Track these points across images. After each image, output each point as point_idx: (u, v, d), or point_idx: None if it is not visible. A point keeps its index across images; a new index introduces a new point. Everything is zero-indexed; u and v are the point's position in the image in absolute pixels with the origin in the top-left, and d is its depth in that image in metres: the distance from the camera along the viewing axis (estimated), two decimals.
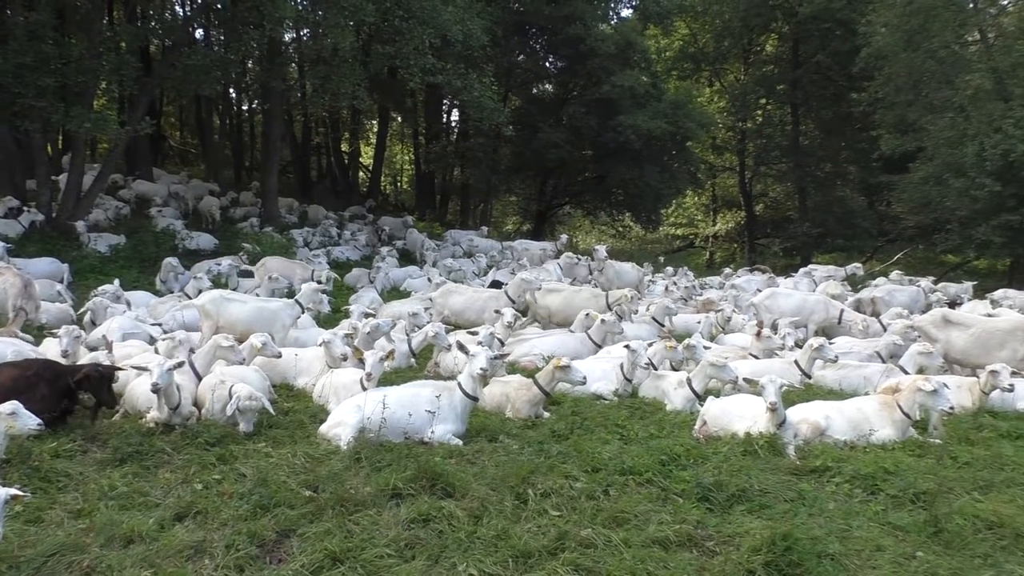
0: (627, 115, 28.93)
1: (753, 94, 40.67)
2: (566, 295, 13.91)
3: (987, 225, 25.33)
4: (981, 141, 25.58)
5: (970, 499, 6.02)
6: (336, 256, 21.17)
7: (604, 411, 8.63)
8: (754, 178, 43.56)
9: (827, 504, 5.91)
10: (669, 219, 46.20)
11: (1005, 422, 8.53)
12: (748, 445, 7.13)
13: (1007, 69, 28.66)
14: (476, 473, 6.30)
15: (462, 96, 24.20)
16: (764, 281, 18.21)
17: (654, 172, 31.30)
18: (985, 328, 10.80)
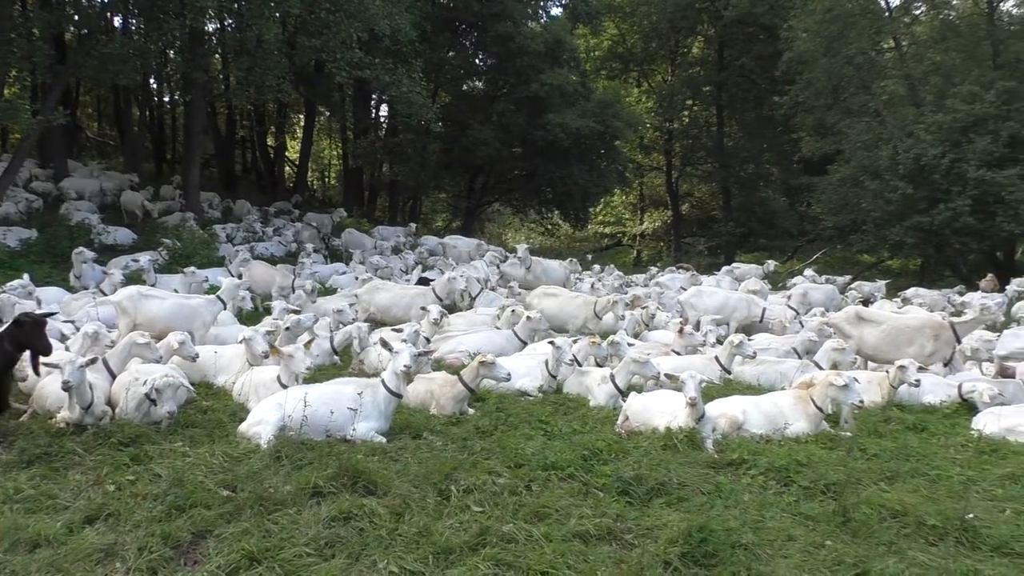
0: (556, 113, 29.18)
1: (680, 95, 41.42)
2: (561, 300, 13.86)
3: (900, 226, 26.31)
4: (895, 145, 26.56)
5: (877, 489, 6.25)
6: (260, 252, 20.77)
7: (528, 407, 8.68)
8: (680, 178, 44.37)
9: (742, 496, 6.06)
10: (597, 217, 46.73)
11: (911, 415, 8.89)
12: (668, 439, 7.26)
13: (919, 76, 29.82)
14: (399, 470, 6.27)
15: (390, 91, 24.02)
16: (687, 279, 18.57)
17: (583, 170, 31.64)
18: (895, 325, 11.22)
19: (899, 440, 7.86)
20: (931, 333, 10.82)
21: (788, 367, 10.42)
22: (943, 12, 30.94)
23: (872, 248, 30.18)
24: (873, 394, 9.27)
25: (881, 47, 32.26)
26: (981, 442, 7.83)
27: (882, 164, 26.86)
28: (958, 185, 24.89)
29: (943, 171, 25.10)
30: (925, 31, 32.12)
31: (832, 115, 31.55)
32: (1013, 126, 25.22)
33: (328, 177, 48.80)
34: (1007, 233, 24.80)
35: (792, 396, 8.21)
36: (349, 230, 24.28)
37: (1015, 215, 23.84)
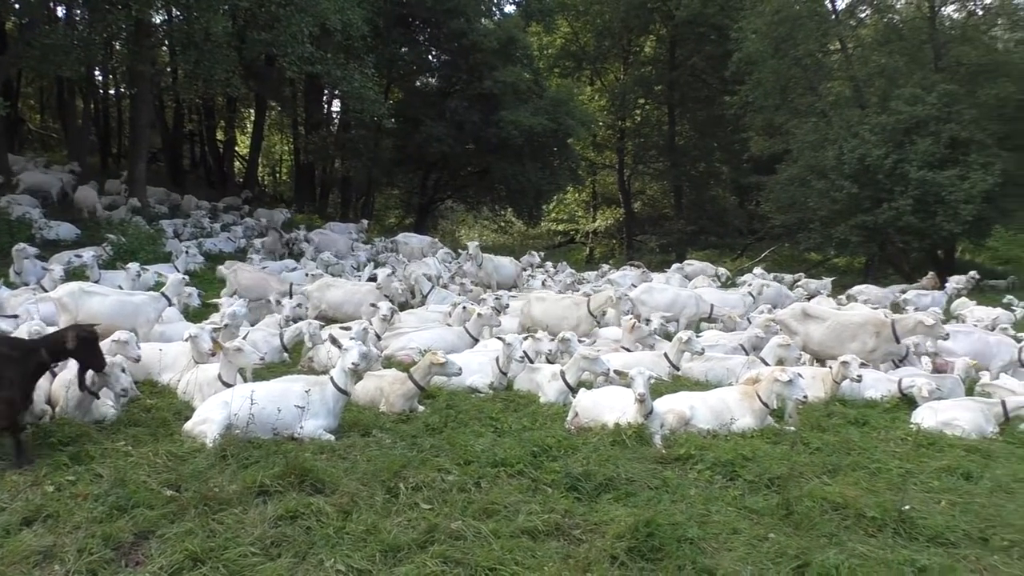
0: (509, 111, 29.21)
1: (632, 94, 41.78)
2: (550, 304, 13.24)
3: (845, 225, 26.88)
4: (840, 145, 27.10)
5: (819, 483, 6.39)
6: (208, 248, 20.45)
7: (479, 404, 8.69)
8: (632, 176, 44.73)
9: (689, 490, 6.15)
10: (550, 215, 46.90)
11: (853, 410, 9.10)
12: (617, 435, 7.32)
13: (864, 78, 30.46)
14: (347, 468, 6.23)
15: (342, 87, 23.83)
16: (638, 277, 18.73)
17: (535, 168, 31.73)
18: (839, 321, 11.46)
19: (841, 434, 8.04)
20: (873, 330, 11.07)
21: (735, 363, 10.58)
22: (887, 16, 31.62)
23: (819, 246, 30.78)
24: (817, 389, 9.46)
25: (827, 49, 32.87)
26: (919, 436, 8.05)
27: (828, 164, 27.40)
28: (901, 185, 25.51)
29: (886, 171, 25.70)
30: (870, 34, 32.85)
31: (780, 115, 32.08)
32: (953, 128, 25.91)
33: (279, 173, 48.22)
34: (947, 232, 25.48)
35: (738, 392, 8.34)
36: (321, 230, 23.93)
37: (954, 215, 24.50)
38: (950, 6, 30.84)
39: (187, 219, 23.56)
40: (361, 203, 36.85)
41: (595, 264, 29.90)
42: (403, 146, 32.64)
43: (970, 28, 30.02)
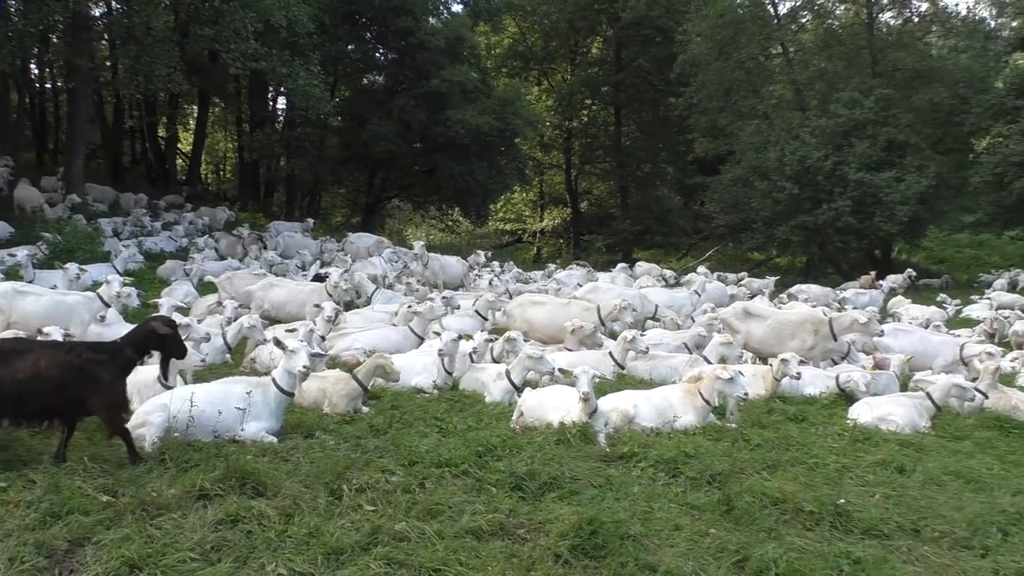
0: (456, 110, 29.16)
1: (579, 94, 42.04)
2: (551, 308, 12.29)
3: (786, 225, 27.45)
4: (782, 147, 27.65)
5: (759, 478, 6.50)
6: (149, 247, 20.01)
7: (424, 404, 8.66)
8: (579, 176, 45.01)
9: (632, 488, 6.21)
10: (498, 214, 46.95)
11: (792, 406, 9.28)
12: (562, 434, 7.36)
13: (805, 82, 31.15)
14: (290, 471, 6.16)
15: (287, 84, 23.54)
16: (584, 276, 18.86)
17: (483, 167, 31.71)
18: (779, 320, 11.69)
19: (781, 431, 8.20)
20: (811, 328, 11.31)
21: (679, 362, 10.72)
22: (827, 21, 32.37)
23: (761, 246, 31.36)
24: (757, 387, 9.63)
25: (770, 53, 33.52)
26: (855, 431, 8.25)
27: (770, 165, 27.93)
28: (840, 186, 26.14)
29: (826, 173, 26.31)
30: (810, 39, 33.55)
31: (724, 117, 32.60)
32: (890, 131, 26.65)
33: (223, 170, 47.39)
34: (884, 232, 26.21)
35: (681, 390, 8.45)
36: (288, 233, 23.54)
37: (891, 215, 25.20)
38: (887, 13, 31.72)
39: (127, 217, 23.01)
40: (307, 202, 36.42)
41: (542, 263, 30.02)
42: (349, 144, 32.34)
43: (906, 35, 30.89)
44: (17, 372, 5.98)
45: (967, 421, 9.21)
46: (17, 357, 6.07)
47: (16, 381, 5.95)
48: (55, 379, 6.04)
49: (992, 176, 25.09)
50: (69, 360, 6.17)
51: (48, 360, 6.09)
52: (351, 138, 31.67)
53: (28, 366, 6.02)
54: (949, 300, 20.89)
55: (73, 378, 6.11)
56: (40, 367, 6.03)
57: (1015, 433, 8.92)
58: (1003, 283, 23.39)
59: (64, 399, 6.11)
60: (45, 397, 6.03)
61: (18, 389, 5.94)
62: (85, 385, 6.14)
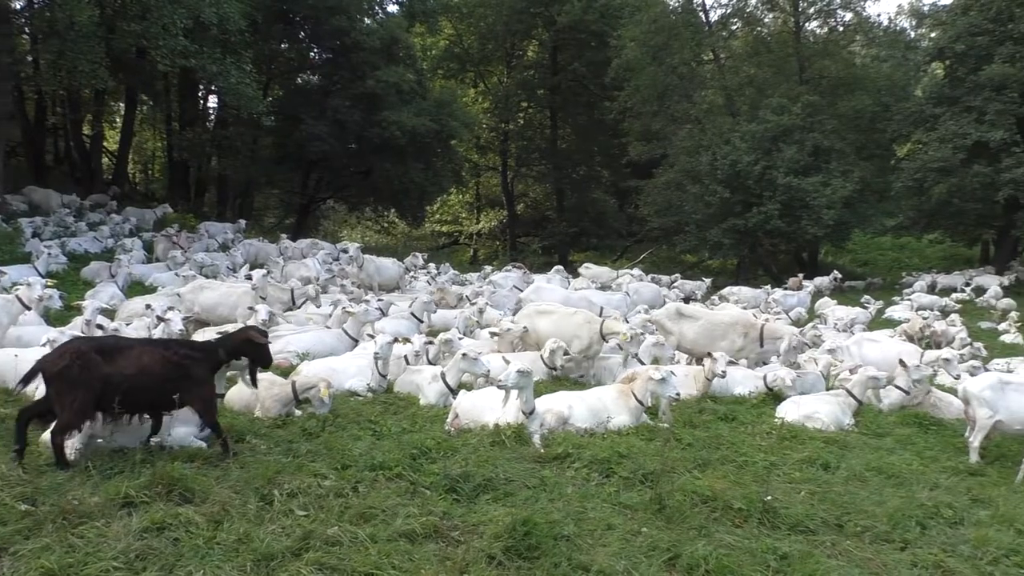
0: (392, 111, 28.95)
1: (515, 97, 42.14)
2: (557, 318, 11.65)
3: (718, 228, 27.96)
4: (713, 151, 28.18)
5: (690, 477, 6.61)
6: (72, 248, 19.34)
7: (358, 407, 8.57)
8: (515, 178, 45.14)
9: (566, 488, 6.24)
10: (434, 216, 46.78)
11: (723, 406, 9.47)
12: (497, 436, 7.36)
13: (735, 88, 31.80)
14: (219, 476, 6.03)
15: (218, 82, 23.04)
16: (519, 278, 18.90)
17: (419, 169, 31.57)
18: (711, 321, 11.91)
19: (711, 430, 8.35)
20: (741, 330, 11.55)
21: (613, 362, 10.82)
22: (756, 28, 33.13)
23: (694, 248, 31.91)
24: (689, 387, 9.79)
25: (702, 59, 34.16)
26: (783, 429, 8.45)
27: (702, 169, 28.45)
28: (769, 190, 26.75)
29: (756, 177, 26.90)
30: (741, 46, 34.32)
31: (657, 121, 33.08)
32: (816, 137, 27.38)
33: (152, 170, 46.12)
34: (811, 235, 26.93)
35: (615, 390, 8.54)
36: (250, 241, 22.92)
37: (817, 219, 25.90)
38: (813, 22, 32.61)
39: (49, 217, 22.24)
40: (239, 202, 35.72)
41: (479, 265, 30.01)
42: (283, 144, 31.81)
43: (831, 43, 31.81)
44: (123, 368, 6.34)
45: (888, 418, 9.52)
46: (120, 354, 6.45)
47: (124, 376, 6.30)
48: (157, 374, 6.46)
49: (912, 181, 25.99)
50: (168, 356, 6.60)
51: (150, 356, 6.52)
52: (285, 138, 31.15)
53: (132, 362, 6.40)
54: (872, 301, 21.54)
55: (172, 373, 6.52)
56: (143, 362, 6.43)
57: (933, 430, 9.27)
58: (923, 285, 24.23)
59: (162, 393, 6.48)
60: (146, 391, 6.44)
61: (126, 384, 6.28)
62: (181, 380, 6.55)
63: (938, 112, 26.35)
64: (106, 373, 6.23)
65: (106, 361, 6.28)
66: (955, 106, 25.84)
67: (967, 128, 24.63)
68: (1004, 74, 23.99)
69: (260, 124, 27.58)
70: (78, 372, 6.15)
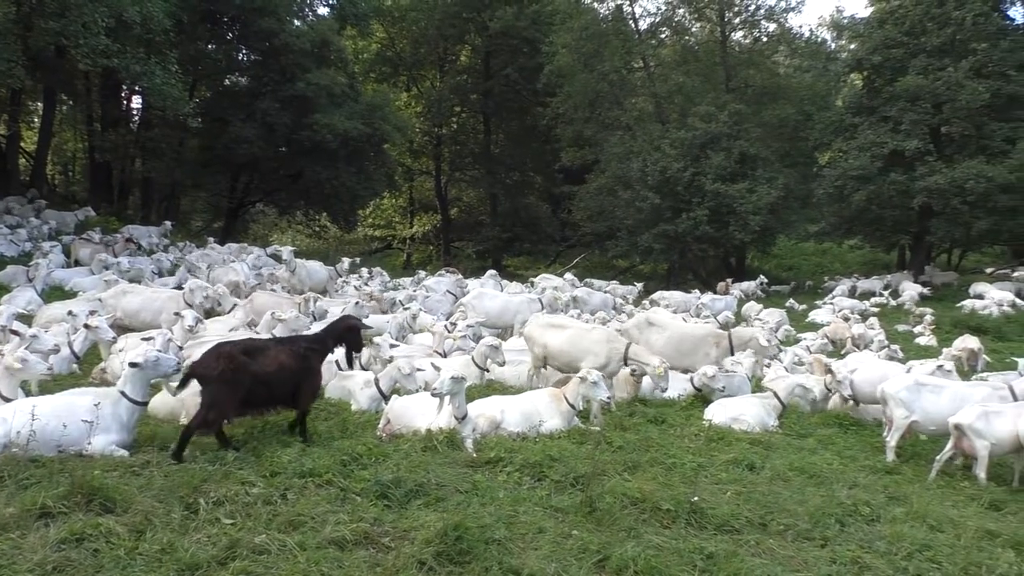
0: (323, 114, 28.68)
1: (448, 101, 42.13)
2: (572, 334, 10.57)
3: (649, 233, 28.38)
4: (644, 158, 28.63)
5: (620, 479, 6.68)
6: None
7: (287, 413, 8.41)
8: (449, 183, 45.15)
9: (498, 493, 6.24)
10: (367, 220, 46.42)
11: (653, 408, 9.61)
12: (429, 441, 7.33)
13: (665, 95, 32.37)
14: (142, 485, 5.86)
15: (142, 83, 22.43)
16: (453, 283, 18.85)
17: (350, 173, 31.30)
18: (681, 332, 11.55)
19: (641, 432, 8.45)
20: (713, 341, 11.40)
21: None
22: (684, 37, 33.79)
23: (626, 253, 32.31)
24: (620, 390, 9.89)
25: (632, 66, 34.66)
26: (710, 431, 8.61)
27: (633, 175, 28.87)
28: (698, 196, 27.30)
29: (685, 183, 27.43)
30: (670, 54, 34.95)
31: (589, 127, 33.46)
32: (743, 144, 28.05)
33: (72, 171, 44.64)
34: (738, 241, 27.57)
35: (547, 394, 8.58)
36: (210, 247, 22.33)
37: (744, 225, 26.52)
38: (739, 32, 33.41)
39: None
40: (164, 205, 34.84)
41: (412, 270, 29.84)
42: (210, 147, 31.19)
43: (756, 53, 32.65)
44: (266, 366, 6.94)
45: (811, 419, 9.79)
46: (261, 353, 7.05)
47: (267, 374, 6.92)
48: (292, 369, 7.11)
49: (833, 188, 26.78)
50: (297, 352, 7.26)
51: (286, 353, 7.15)
52: (212, 140, 30.58)
53: (272, 360, 7.01)
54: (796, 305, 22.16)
55: (300, 368, 7.19)
56: (282, 360, 7.06)
57: (852, 430, 9.56)
58: (844, 289, 25.00)
59: (292, 387, 7.11)
60: (283, 386, 7.04)
61: (269, 381, 6.93)
62: (304, 373, 7.24)
63: (857, 121, 27.23)
64: (254, 371, 6.84)
65: (253, 361, 6.89)
66: (873, 116, 26.75)
67: (884, 137, 25.50)
68: (918, 85, 24.92)
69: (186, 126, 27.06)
70: (232, 373, 6.70)
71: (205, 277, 17.07)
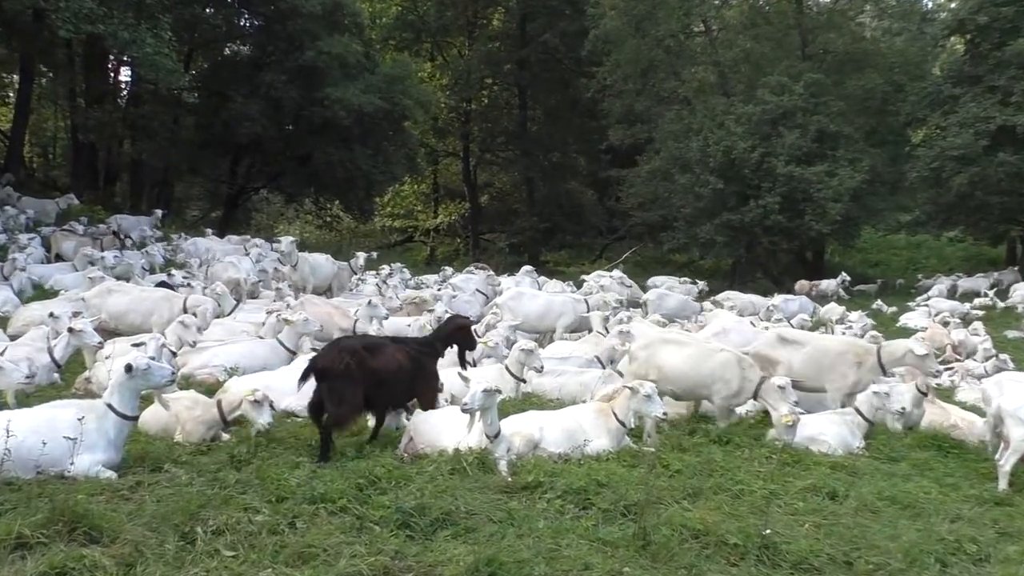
0: (335, 87, 28.86)
1: (478, 72, 42.14)
2: (694, 353, 9.97)
3: (710, 224, 28.16)
4: (705, 136, 28.40)
5: (678, 508, 6.63)
6: None
7: (296, 430, 8.51)
8: (479, 166, 45.22)
9: (537, 523, 6.22)
10: (385, 209, 46.67)
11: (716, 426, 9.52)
12: (457, 462, 7.34)
13: (729, 64, 32.10)
14: (132, 511, 5.94)
15: (131, 52, 22.76)
16: (483, 280, 18.86)
17: (366, 155, 31.49)
18: (819, 347, 10.98)
19: (703, 454, 8.38)
20: (853, 359, 10.56)
21: (590, 378, 10.82)
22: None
23: (683, 247, 32.12)
24: (678, 405, 9.82)
25: (691, 31, 34.41)
26: (784, 453, 8.51)
27: (692, 156, 28.68)
28: (768, 181, 27.03)
29: (753, 166, 27.17)
30: (735, 16, 34.66)
31: (641, 101, 33.30)
32: (821, 120, 27.69)
33: (53, 154, 45.52)
34: (815, 232, 27.21)
35: (593, 410, 8.54)
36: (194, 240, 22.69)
37: (822, 214, 26.18)
38: None
39: None
40: (156, 192, 35.37)
41: (436, 266, 29.96)
42: (208, 125, 31.62)
43: (837, 14, 32.26)
44: (386, 365, 7.87)
45: (903, 441, 9.62)
46: (380, 351, 8.00)
47: (387, 373, 7.85)
48: (409, 370, 8.10)
49: (929, 171, 26.35)
50: (410, 352, 8.25)
51: (402, 354, 8.09)
52: (210, 118, 30.99)
53: (389, 360, 7.93)
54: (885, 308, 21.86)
55: (414, 368, 8.18)
56: (399, 360, 8.00)
57: (953, 453, 9.37)
58: (942, 289, 24.60)
59: (406, 389, 8.07)
60: (400, 386, 7.93)
61: (389, 380, 7.83)
62: (418, 375, 8.26)
63: (958, 93, 26.77)
64: (374, 369, 7.71)
65: (373, 359, 7.77)
66: (977, 86, 26.27)
67: (990, 111, 25.02)
68: None
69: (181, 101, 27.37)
70: (356, 369, 7.56)
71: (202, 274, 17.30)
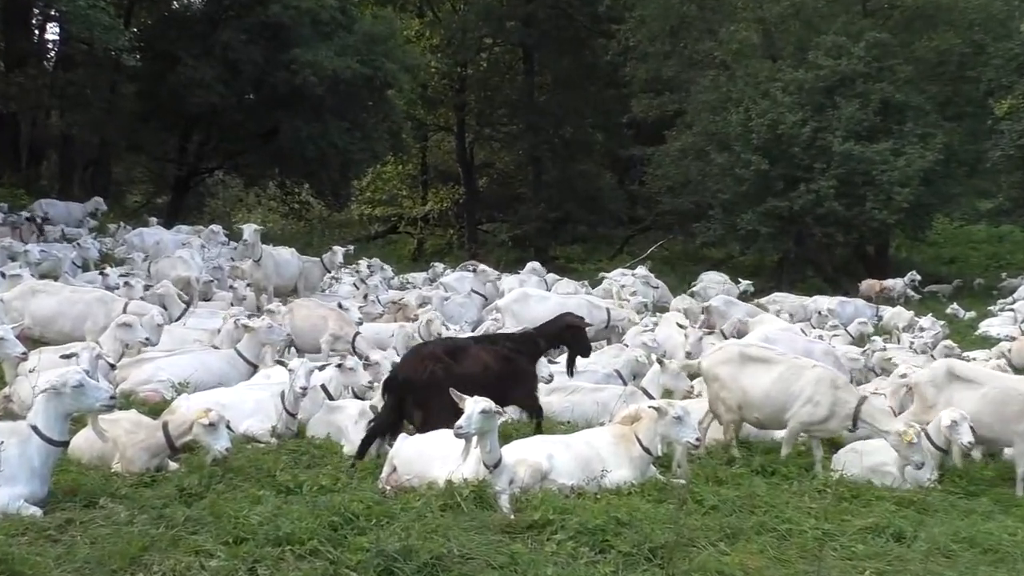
0: (305, 48, 28.86)
1: (475, 31, 41.97)
2: (784, 372, 9.87)
3: (753, 212, 28.00)
4: (746, 107, 28.31)
5: (714, 552, 6.63)
6: None
7: (256, 457, 8.53)
8: (476, 143, 45.12)
9: (545, 569, 6.22)
10: (364, 195, 46.62)
11: (759, 455, 9.52)
12: (449, 496, 7.35)
13: (775, 21, 31.96)
14: (61, 555, 5.98)
15: (59, 6, 22.80)
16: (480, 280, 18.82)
17: (342, 129, 31.45)
18: (1003, 388, 10.82)
19: (743, 487, 8.38)
20: None
21: (608, 396, 10.83)
22: None
23: (720, 239, 31.98)
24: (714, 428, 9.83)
25: None
26: (840, 487, 8.50)
27: (731, 131, 28.60)
28: (821, 161, 26.93)
29: (804, 143, 27.07)
30: None
31: (671, 66, 33.23)
32: (885, 88, 27.61)
33: None
34: (878, 223, 27.10)
35: (612, 434, 8.53)
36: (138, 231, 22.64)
37: (887, 200, 26.08)
38: None
39: None
40: (90, 173, 35.41)
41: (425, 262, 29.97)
42: (152, 93, 31.59)
43: None
44: (470, 368, 8.78)
45: (983, 473, 9.60)
46: (463, 353, 8.95)
47: (472, 375, 8.56)
48: (496, 372, 8.95)
49: (1015, 149, 26.29)
50: (500, 352, 9.18)
51: (489, 354, 9.05)
52: (155, 85, 30.94)
53: (474, 360, 8.89)
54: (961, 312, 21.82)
55: (505, 370, 9.07)
56: (485, 360, 8.93)
57: None
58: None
59: (497, 390, 8.23)
60: (486, 389, 7.98)
61: (474, 383, 8.17)
62: (510, 376, 9.13)
63: None
64: (460, 374, 8.43)
65: (457, 362, 8.69)
66: None
67: None
68: None
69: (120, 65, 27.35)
70: (443, 375, 8.35)
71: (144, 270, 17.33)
